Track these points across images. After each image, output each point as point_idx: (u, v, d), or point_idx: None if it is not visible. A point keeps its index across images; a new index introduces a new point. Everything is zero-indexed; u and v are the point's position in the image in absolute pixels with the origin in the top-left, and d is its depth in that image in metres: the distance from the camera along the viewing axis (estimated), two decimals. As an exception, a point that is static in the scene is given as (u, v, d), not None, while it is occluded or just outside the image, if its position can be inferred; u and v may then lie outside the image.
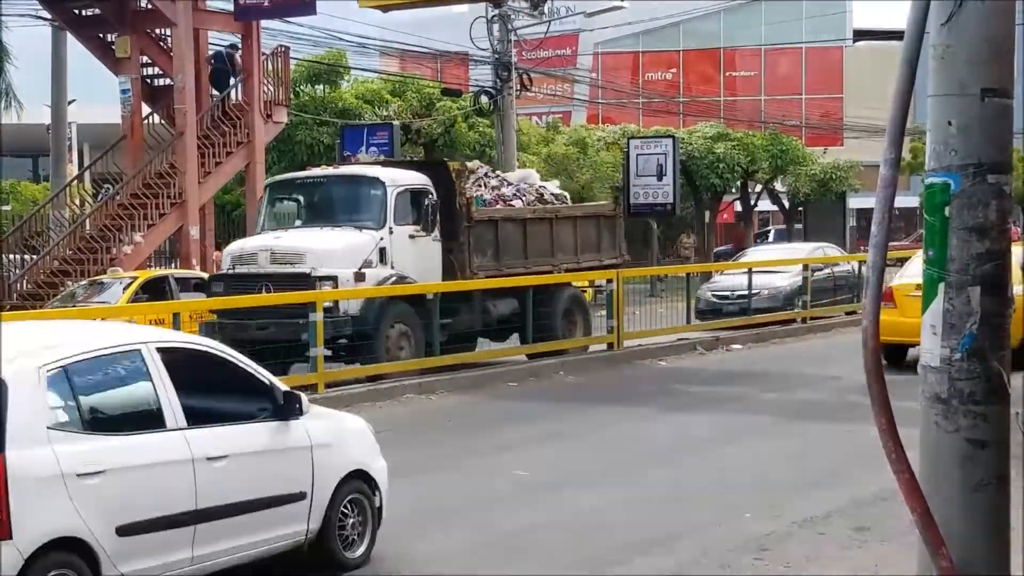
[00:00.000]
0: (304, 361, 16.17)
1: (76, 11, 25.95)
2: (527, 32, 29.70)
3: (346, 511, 8.45)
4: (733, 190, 46.74)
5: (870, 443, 5.03)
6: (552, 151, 38.41)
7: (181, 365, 7.59)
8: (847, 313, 26.27)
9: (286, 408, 8.11)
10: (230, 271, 17.75)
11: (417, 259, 17.85)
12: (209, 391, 7.89)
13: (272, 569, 8.13)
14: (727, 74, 64.55)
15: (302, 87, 34.32)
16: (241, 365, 8.17)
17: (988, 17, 4.26)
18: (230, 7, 25.62)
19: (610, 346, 20.67)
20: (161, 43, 25.79)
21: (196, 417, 7.55)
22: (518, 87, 27.79)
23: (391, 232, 17.53)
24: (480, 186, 19.95)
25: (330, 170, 19.49)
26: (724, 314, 24.44)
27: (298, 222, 18.65)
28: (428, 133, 34.27)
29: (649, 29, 59.05)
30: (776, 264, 26.02)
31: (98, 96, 33.48)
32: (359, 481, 8.60)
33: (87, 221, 24.93)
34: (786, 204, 49.29)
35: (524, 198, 20.39)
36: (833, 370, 17.99)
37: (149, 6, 24.75)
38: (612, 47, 60.92)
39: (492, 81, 27.92)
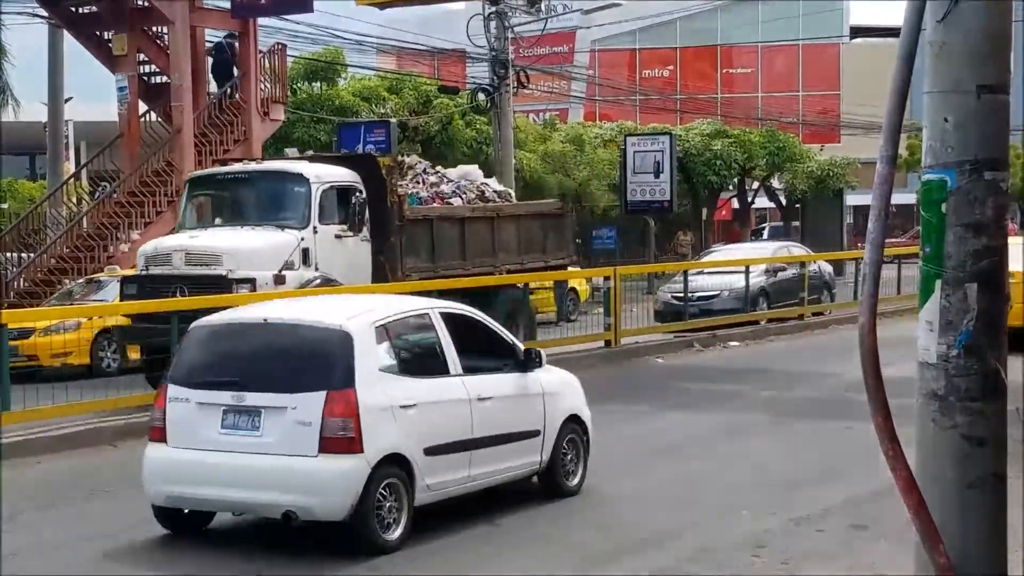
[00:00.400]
0: None
1: (73, 9, 25.93)
2: (524, 29, 29.68)
3: (566, 448, 10.38)
4: (730, 187, 46.77)
5: (868, 440, 5.03)
6: (549, 148, 38.40)
7: (454, 326, 9.64)
8: (814, 314, 25.77)
9: (526, 362, 10.15)
10: (143, 272, 16.68)
11: (344, 260, 16.87)
12: (472, 347, 9.74)
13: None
14: (724, 71, 64.54)
15: (299, 84, 34.30)
16: (493, 328, 10.34)
17: (984, 14, 4.26)
18: (227, 5, 25.61)
19: (607, 343, 20.65)
20: (158, 41, 25.77)
21: (466, 367, 9.53)
22: (515, 84, 27.76)
23: (315, 231, 16.61)
24: (418, 183, 19.22)
25: (252, 165, 18.37)
26: (683, 316, 23.22)
27: (218, 220, 17.53)
28: (425, 131, 34.26)
29: (645, 26, 59.08)
30: (737, 264, 24.83)
31: (95, 94, 33.46)
32: (574, 424, 10.55)
33: (84, 219, 24.90)
34: (783, 201, 49.31)
35: (464, 196, 19.59)
36: (832, 367, 17.99)
37: (146, 4, 24.73)
38: (609, 44, 60.91)
39: (489, 78, 27.89)
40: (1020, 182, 50.80)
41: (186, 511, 9.07)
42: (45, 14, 26.27)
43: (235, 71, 25.92)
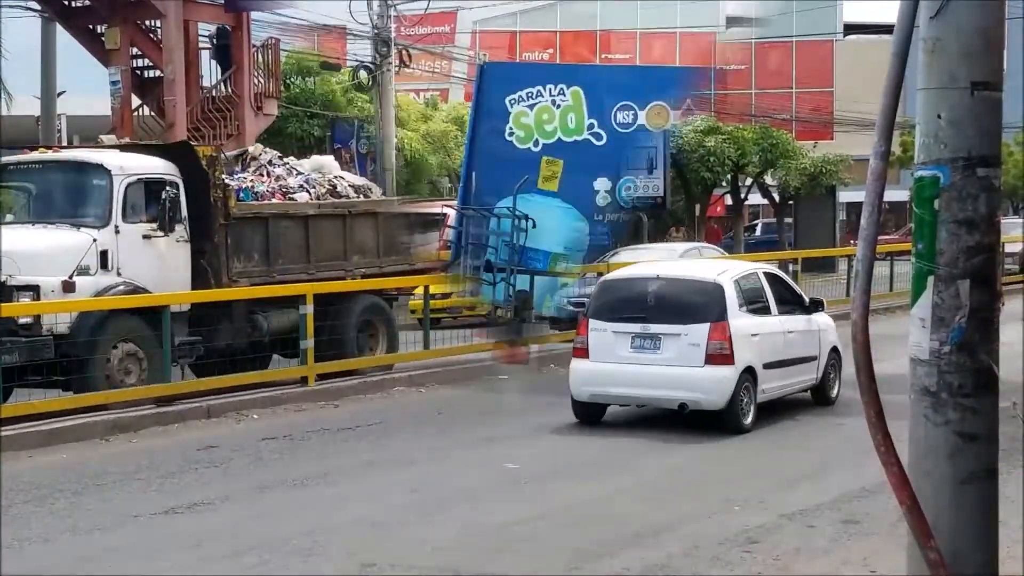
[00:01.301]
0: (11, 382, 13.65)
1: (66, 2, 25.86)
2: (407, 8, 29.61)
3: (829, 371, 14.53)
4: (723, 184, 46.77)
5: (860, 436, 5.04)
6: (431, 128, 38.20)
7: (770, 280, 14.13)
8: None
9: (810, 307, 14.44)
10: None
11: (155, 263, 14.92)
12: (777, 295, 13.97)
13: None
14: (604, 56, 64.04)
15: (292, 79, 34.09)
16: (789, 282, 15.09)
17: (977, 10, 4.26)
18: (220, -1, 25.55)
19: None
20: (151, 35, 25.71)
21: (778, 309, 13.83)
22: (397, 63, 27.63)
23: (117, 231, 14.55)
24: (262, 175, 17.51)
25: (49, 154, 15.94)
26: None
27: (10, 217, 15.36)
28: None
29: (526, 9, 60.01)
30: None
31: (88, 88, 33.35)
32: (834, 353, 14.60)
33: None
34: (776, 198, 49.33)
35: (313, 191, 17.49)
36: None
37: (139, -3, 24.67)
38: (490, 26, 60.91)
39: (371, 56, 27.76)
40: (1012, 179, 50.82)
41: (590, 406, 13.40)
42: (38, 7, 26.21)
43: None
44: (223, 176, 15.88)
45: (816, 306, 14.56)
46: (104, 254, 14.39)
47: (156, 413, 13.96)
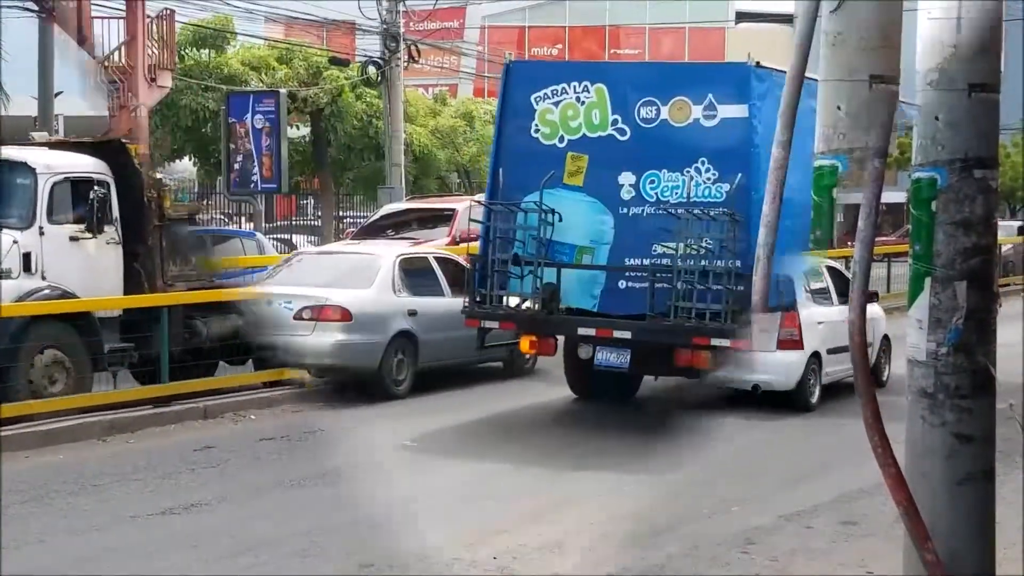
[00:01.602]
0: None
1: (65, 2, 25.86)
2: (415, 4, 29.59)
3: (881, 356, 15.91)
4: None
5: (858, 437, 5.05)
6: (439, 123, 38.22)
7: (829, 272, 15.52)
8: None
9: None
10: None
11: (84, 266, 14.08)
12: (837, 286, 15.09)
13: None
14: (612, 51, 64.12)
15: (187, 51, 33.49)
16: (846, 273, 15.04)
17: (976, 13, 4.27)
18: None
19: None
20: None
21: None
22: (406, 58, 27.69)
23: (41, 232, 13.69)
24: None
25: None
26: None
27: None
28: (315, 102, 33.83)
29: (535, 5, 60.29)
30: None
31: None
32: (885, 341, 16.16)
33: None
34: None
35: None
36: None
37: (137, -1, 24.66)
38: (499, 21, 60.99)
39: (380, 51, 27.80)
40: (1010, 181, 50.84)
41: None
42: (36, 8, 26.21)
43: None
44: (158, 175, 15.15)
45: (870, 297, 15.27)
46: (27, 256, 13.58)
47: (153, 414, 13.93)
